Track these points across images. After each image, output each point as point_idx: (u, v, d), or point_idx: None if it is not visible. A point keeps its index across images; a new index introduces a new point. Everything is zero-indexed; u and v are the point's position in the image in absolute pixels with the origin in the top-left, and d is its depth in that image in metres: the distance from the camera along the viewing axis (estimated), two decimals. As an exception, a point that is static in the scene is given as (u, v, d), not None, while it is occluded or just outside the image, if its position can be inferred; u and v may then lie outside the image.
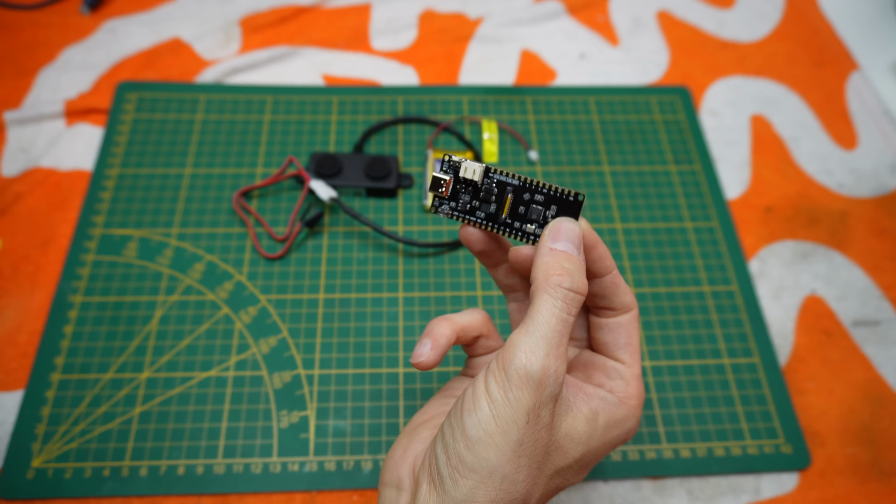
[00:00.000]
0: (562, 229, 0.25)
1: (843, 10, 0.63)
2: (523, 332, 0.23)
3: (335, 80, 0.56)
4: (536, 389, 0.23)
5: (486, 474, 0.23)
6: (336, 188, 0.48)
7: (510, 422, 0.23)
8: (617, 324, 0.28)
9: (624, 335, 0.28)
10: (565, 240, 0.25)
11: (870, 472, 0.40)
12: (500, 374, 0.23)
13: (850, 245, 0.49)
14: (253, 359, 0.42)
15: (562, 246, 0.25)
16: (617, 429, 0.26)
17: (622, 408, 0.27)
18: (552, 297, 0.24)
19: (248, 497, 0.38)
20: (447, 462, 0.24)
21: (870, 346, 0.45)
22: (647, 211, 0.49)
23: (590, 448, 0.26)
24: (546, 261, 0.25)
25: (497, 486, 0.23)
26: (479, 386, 0.24)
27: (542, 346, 0.23)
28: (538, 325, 0.23)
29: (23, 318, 0.43)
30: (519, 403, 0.23)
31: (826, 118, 0.55)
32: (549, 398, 0.23)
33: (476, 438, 0.23)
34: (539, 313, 0.24)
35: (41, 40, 0.56)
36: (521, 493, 0.23)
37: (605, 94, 0.55)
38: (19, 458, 0.38)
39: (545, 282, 0.24)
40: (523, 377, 0.23)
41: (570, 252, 0.25)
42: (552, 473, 0.25)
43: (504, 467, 0.23)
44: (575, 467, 0.26)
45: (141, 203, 0.48)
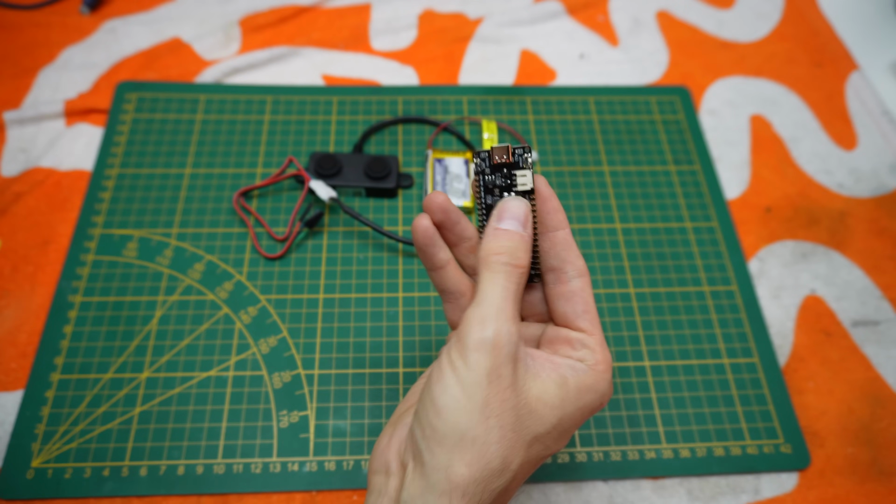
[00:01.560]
0: (507, 208, 0.28)
1: (843, 10, 0.63)
2: (474, 306, 0.26)
3: (335, 80, 0.56)
4: (492, 351, 0.25)
5: (457, 438, 0.24)
6: (336, 188, 0.48)
7: (473, 384, 0.24)
8: (571, 292, 0.29)
9: (580, 303, 0.29)
10: (509, 218, 0.27)
11: (869, 472, 0.40)
12: (458, 345, 0.25)
13: (850, 245, 0.49)
14: (253, 359, 0.42)
15: (506, 225, 0.27)
16: (590, 393, 0.27)
17: (591, 373, 0.27)
18: (493, 273, 0.26)
19: (248, 497, 0.38)
20: (422, 435, 0.25)
21: (869, 346, 0.45)
22: (646, 211, 0.49)
23: (565, 412, 0.26)
24: (489, 241, 0.27)
25: (471, 449, 0.24)
26: (443, 359, 0.26)
27: (491, 313, 0.25)
28: (485, 297, 0.26)
29: (23, 317, 0.43)
30: (479, 365, 0.24)
31: (826, 118, 0.56)
32: (507, 358, 0.25)
33: (444, 405, 0.24)
34: (484, 288, 0.26)
35: (41, 40, 0.56)
36: (498, 457, 0.24)
37: (605, 94, 0.55)
38: (19, 458, 0.38)
39: (486, 260, 0.27)
40: (478, 343, 0.25)
41: (513, 230, 0.27)
42: (530, 440, 0.26)
43: (474, 429, 0.24)
44: (554, 433, 0.26)
45: (141, 203, 0.48)
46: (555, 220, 0.29)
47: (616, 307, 0.45)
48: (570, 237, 0.29)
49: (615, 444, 0.40)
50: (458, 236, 0.31)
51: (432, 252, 0.30)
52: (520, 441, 0.25)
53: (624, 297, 0.46)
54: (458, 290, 0.31)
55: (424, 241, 0.30)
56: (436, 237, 0.30)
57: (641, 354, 0.43)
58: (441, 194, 0.30)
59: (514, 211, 0.28)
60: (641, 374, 0.43)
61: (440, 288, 0.31)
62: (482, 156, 0.29)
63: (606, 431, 0.41)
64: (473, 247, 0.31)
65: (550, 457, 0.28)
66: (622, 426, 0.41)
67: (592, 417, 0.41)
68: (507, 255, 0.27)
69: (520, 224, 0.27)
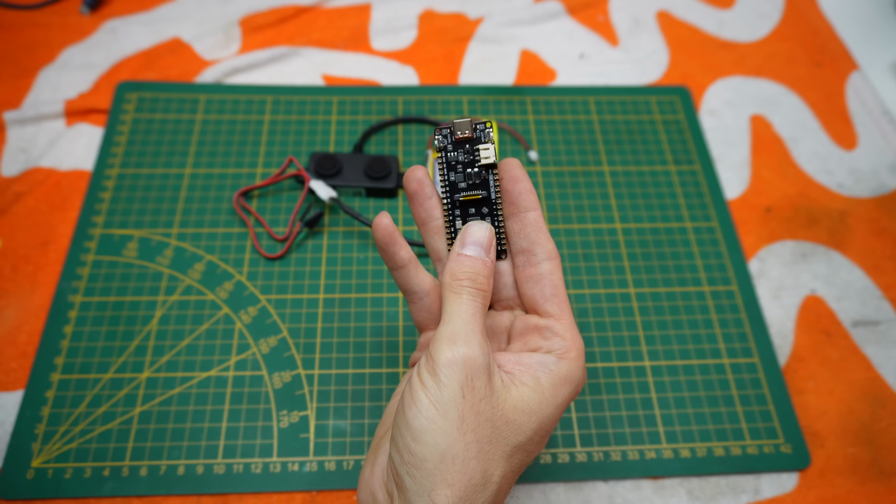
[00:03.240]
0: (469, 234, 0.28)
1: (843, 10, 0.63)
2: (442, 325, 0.26)
3: (335, 80, 0.56)
4: (464, 365, 0.25)
5: (437, 460, 0.24)
6: (336, 188, 0.48)
7: (447, 402, 0.24)
8: (540, 275, 0.28)
9: (549, 286, 0.28)
10: (472, 244, 0.28)
11: (869, 472, 0.40)
12: (429, 365, 0.25)
13: (850, 245, 0.49)
14: (253, 359, 0.42)
15: (469, 251, 0.28)
16: (565, 386, 0.27)
17: (563, 363, 0.27)
18: (458, 296, 0.27)
19: (248, 497, 0.38)
20: (401, 461, 0.25)
21: (869, 346, 0.45)
22: (647, 211, 0.49)
23: (544, 414, 0.26)
24: (452, 265, 0.28)
25: (451, 469, 0.24)
26: (414, 380, 0.26)
27: (460, 330, 0.26)
28: (451, 316, 0.26)
29: (23, 317, 0.43)
30: (452, 381, 0.24)
31: (826, 118, 0.56)
32: (480, 370, 0.25)
33: (420, 428, 0.24)
34: (451, 308, 0.27)
35: (41, 40, 0.56)
36: (478, 471, 0.24)
37: (605, 94, 0.55)
38: (19, 458, 0.38)
39: (450, 284, 0.27)
40: (449, 360, 0.25)
41: (476, 256, 0.28)
42: (511, 450, 0.25)
43: (453, 447, 0.24)
44: (535, 438, 0.26)
45: (141, 203, 0.48)
46: (526, 200, 0.29)
47: (616, 307, 0.45)
48: (541, 219, 0.29)
49: (615, 444, 0.40)
50: (427, 213, 0.30)
51: (393, 251, 0.30)
52: (499, 453, 0.25)
53: (624, 297, 0.46)
54: (421, 289, 0.31)
55: (385, 240, 0.30)
56: (396, 235, 0.30)
57: (641, 354, 0.43)
58: (421, 168, 0.30)
59: (476, 236, 0.28)
60: (641, 374, 0.43)
61: (403, 288, 0.31)
62: (444, 132, 0.29)
63: (606, 431, 0.41)
64: (439, 227, 0.30)
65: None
66: (622, 426, 0.41)
67: (592, 417, 0.41)
68: (469, 280, 0.27)
69: (482, 250, 0.28)
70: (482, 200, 0.29)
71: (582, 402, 0.41)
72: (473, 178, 0.29)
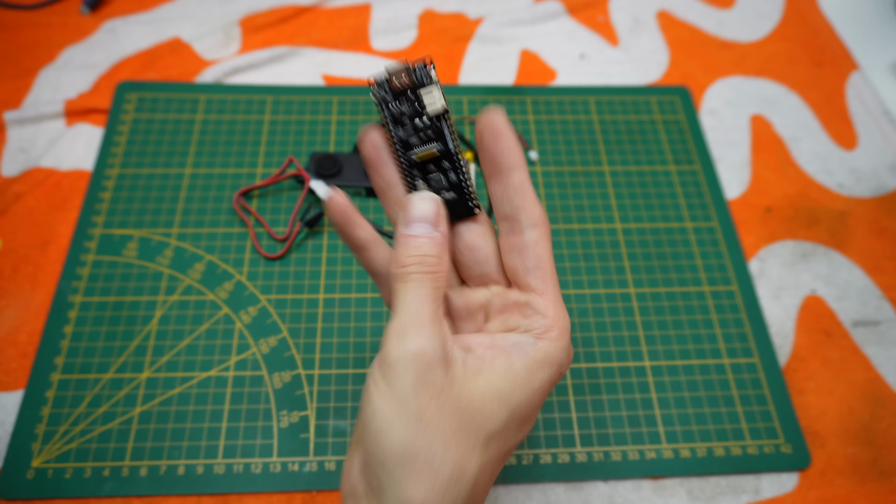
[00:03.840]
0: (413, 212, 0.25)
1: (843, 10, 0.63)
2: (390, 320, 0.24)
3: (335, 80, 0.56)
4: (415, 360, 0.23)
5: (399, 458, 0.22)
6: (336, 188, 0.48)
7: (402, 400, 0.23)
8: (524, 244, 0.26)
9: (532, 257, 0.26)
10: (417, 222, 0.25)
11: (870, 472, 0.40)
12: (380, 363, 0.24)
13: (850, 245, 0.49)
14: (253, 359, 0.42)
15: (415, 229, 0.25)
16: (543, 369, 0.25)
17: (542, 344, 0.25)
18: (404, 284, 0.25)
19: (248, 497, 0.38)
20: (366, 462, 0.24)
21: (870, 346, 0.45)
22: (647, 211, 0.49)
23: (518, 400, 0.24)
24: (399, 249, 0.25)
25: (415, 466, 0.22)
26: (368, 382, 0.24)
27: (408, 323, 0.24)
28: (399, 309, 0.24)
29: (23, 318, 0.43)
30: (404, 378, 0.23)
31: (826, 118, 0.55)
32: (434, 362, 0.23)
33: (377, 428, 0.23)
34: (398, 299, 0.25)
35: (41, 40, 0.56)
36: (449, 467, 0.23)
37: (605, 94, 0.55)
38: (19, 458, 0.38)
39: (397, 272, 0.25)
40: (399, 356, 0.23)
41: (422, 233, 0.25)
42: (484, 440, 0.24)
43: (413, 444, 0.22)
44: (511, 426, 0.25)
45: (141, 203, 0.48)
46: (509, 159, 0.25)
47: (616, 307, 0.45)
48: (527, 181, 0.26)
49: (615, 444, 0.40)
50: (386, 182, 0.28)
51: (349, 231, 0.28)
52: (469, 445, 0.23)
53: (624, 297, 0.46)
54: (387, 270, 0.28)
55: (340, 219, 0.27)
56: (351, 213, 0.27)
57: (641, 354, 0.43)
58: (377, 129, 0.27)
59: (419, 212, 0.25)
60: (641, 374, 0.43)
61: (368, 270, 0.29)
62: (380, 82, 0.25)
63: (606, 431, 0.41)
64: (398, 198, 0.28)
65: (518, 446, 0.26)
66: (622, 426, 0.41)
67: (592, 417, 0.41)
68: (416, 264, 0.25)
69: (429, 225, 0.25)
70: (440, 155, 0.26)
71: (582, 402, 0.41)
72: (424, 130, 0.25)
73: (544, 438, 0.40)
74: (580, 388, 0.42)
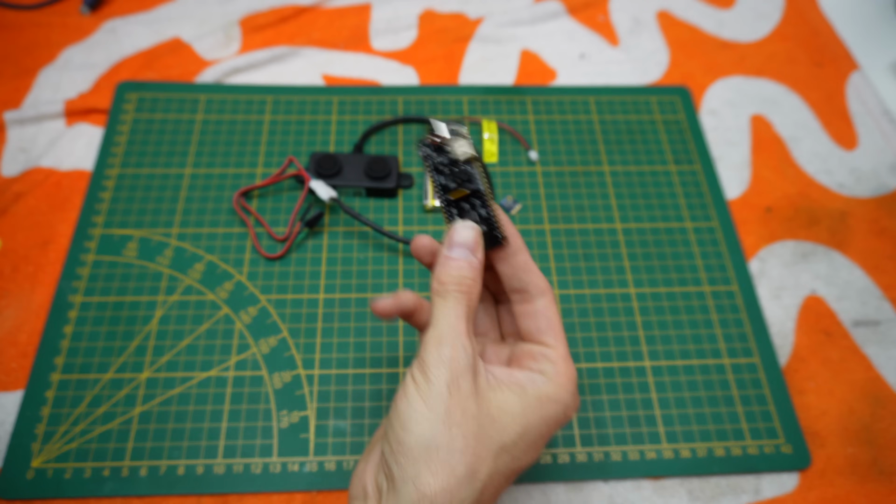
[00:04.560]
0: (455, 237, 0.29)
1: (843, 10, 0.63)
2: (430, 329, 0.28)
3: (335, 80, 0.56)
4: (450, 364, 0.26)
5: (423, 448, 0.25)
6: (336, 188, 0.48)
7: (435, 396, 0.26)
8: (535, 310, 0.30)
9: (544, 320, 0.30)
10: (459, 247, 0.29)
11: (870, 472, 0.40)
12: (419, 364, 0.27)
13: (850, 245, 0.49)
14: (253, 359, 0.42)
15: (456, 253, 0.29)
16: (551, 404, 0.28)
17: (551, 384, 0.28)
18: (443, 300, 0.28)
19: (248, 497, 0.38)
20: (391, 451, 0.26)
21: (870, 346, 0.45)
22: (647, 211, 0.49)
23: (528, 421, 0.27)
24: (440, 269, 0.29)
25: (436, 458, 0.25)
26: (407, 378, 0.27)
27: (446, 333, 0.27)
28: (438, 320, 0.28)
29: (23, 317, 0.43)
30: (439, 379, 0.26)
31: (826, 118, 0.55)
32: (465, 370, 0.26)
33: (408, 417, 0.26)
34: (438, 312, 0.28)
35: (41, 40, 0.56)
36: (462, 464, 0.25)
37: (605, 94, 0.55)
38: (19, 458, 0.38)
39: (437, 289, 0.28)
40: (437, 359, 0.26)
41: (462, 258, 0.29)
42: (497, 449, 0.26)
43: (437, 438, 0.25)
44: (521, 444, 0.27)
45: (141, 203, 0.48)
46: (512, 245, 0.30)
47: (616, 307, 0.45)
48: (529, 259, 0.30)
49: (615, 444, 0.40)
50: None
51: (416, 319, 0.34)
52: (485, 450, 0.26)
53: (624, 297, 0.46)
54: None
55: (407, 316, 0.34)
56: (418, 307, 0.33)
57: (641, 354, 0.43)
58: (425, 237, 0.32)
59: (461, 238, 0.29)
60: (641, 374, 0.43)
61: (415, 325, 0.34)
62: (426, 141, 0.30)
63: (607, 431, 0.41)
64: None
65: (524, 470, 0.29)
66: (622, 426, 0.41)
67: (592, 417, 0.41)
68: (456, 283, 0.28)
69: (468, 251, 0.29)
70: (471, 194, 0.30)
71: (582, 403, 0.41)
72: (457, 175, 0.30)
73: (544, 438, 0.40)
74: (580, 389, 0.42)
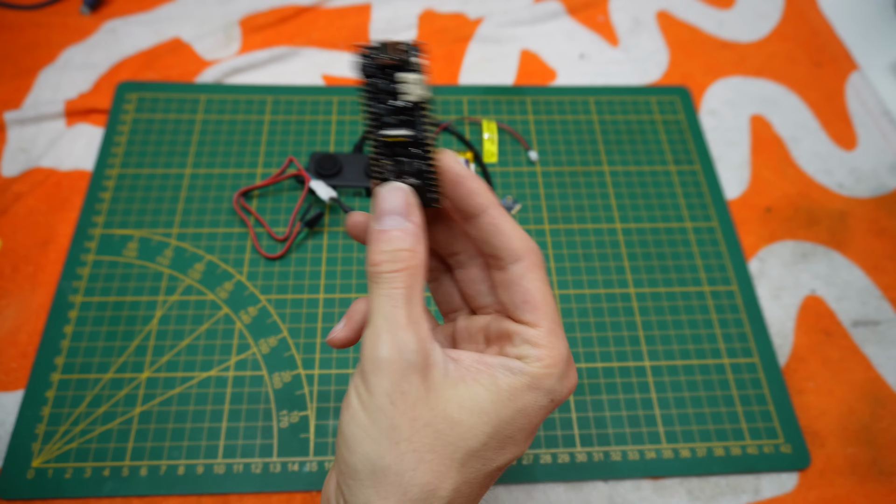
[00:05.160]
0: (382, 205, 0.24)
1: (843, 10, 0.63)
2: (367, 326, 0.23)
3: (335, 80, 0.56)
4: (389, 368, 0.22)
5: (369, 472, 0.22)
6: (336, 188, 0.48)
7: (376, 408, 0.22)
8: (510, 280, 0.25)
9: (519, 292, 0.25)
10: (387, 215, 0.24)
11: (870, 472, 0.40)
12: (359, 369, 0.23)
13: (850, 245, 0.49)
14: (253, 359, 0.42)
15: (386, 223, 0.24)
16: (529, 392, 0.24)
17: (529, 371, 0.24)
18: (376, 285, 0.23)
19: (248, 497, 0.38)
20: (340, 473, 0.23)
21: (870, 346, 0.45)
22: (647, 211, 0.49)
23: (501, 417, 0.23)
24: (370, 248, 0.24)
25: (384, 482, 0.22)
26: (349, 390, 0.23)
27: (381, 327, 0.23)
28: (372, 314, 0.23)
29: (23, 317, 0.43)
30: (378, 387, 0.22)
31: (826, 118, 0.56)
32: (409, 370, 0.22)
33: (351, 435, 0.22)
34: (372, 304, 0.23)
35: (41, 40, 0.56)
36: (416, 485, 0.22)
37: (605, 94, 0.55)
38: (19, 457, 0.38)
39: (370, 272, 0.24)
40: (373, 363, 0.22)
41: (392, 228, 0.24)
42: (462, 458, 0.23)
43: (384, 458, 0.22)
44: (492, 444, 0.23)
45: (141, 203, 0.48)
46: (472, 204, 0.25)
47: (616, 307, 0.45)
48: (499, 218, 0.25)
49: (615, 444, 0.40)
50: None
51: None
52: (445, 462, 0.22)
53: (624, 297, 0.46)
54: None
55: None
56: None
57: (641, 354, 0.43)
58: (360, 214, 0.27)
59: (387, 205, 0.24)
60: (641, 374, 0.43)
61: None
62: (368, 52, 0.24)
63: (606, 431, 0.41)
64: None
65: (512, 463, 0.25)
66: (622, 426, 0.41)
67: (592, 417, 0.41)
68: (387, 262, 0.23)
69: (399, 217, 0.24)
70: (412, 142, 0.24)
71: (582, 402, 0.41)
72: (397, 113, 0.24)
73: (544, 438, 0.40)
74: (580, 388, 0.42)
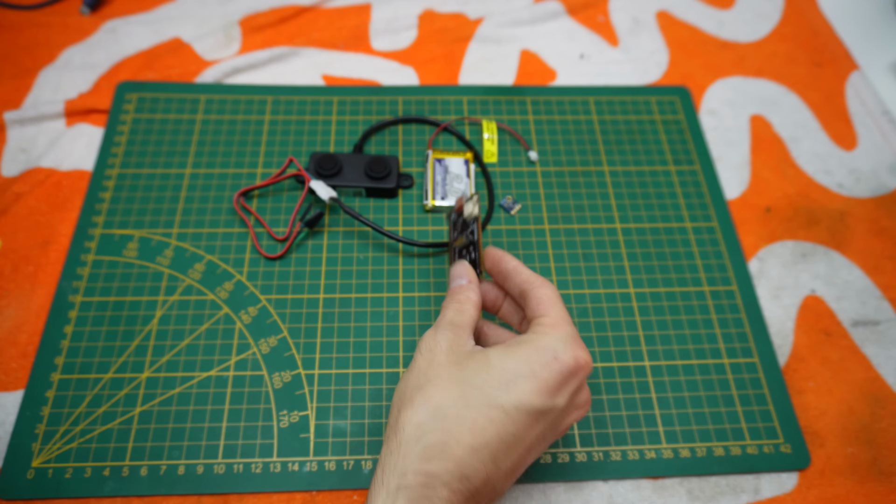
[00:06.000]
0: (453, 274, 0.38)
1: (843, 10, 0.63)
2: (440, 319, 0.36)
3: (335, 80, 0.56)
4: (449, 338, 0.34)
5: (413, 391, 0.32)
6: (336, 188, 0.48)
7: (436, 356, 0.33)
8: (536, 297, 0.36)
9: (541, 302, 0.35)
10: (457, 278, 0.38)
11: (869, 471, 0.40)
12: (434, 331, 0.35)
13: (850, 245, 0.49)
14: (253, 359, 0.42)
15: (456, 282, 0.38)
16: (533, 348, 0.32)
17: (535, 335, 0.33)
18: (446, 308, 0.36)
19: (248, 497, 0.38)
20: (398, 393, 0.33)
21: (869, 346, 0.45)
22: (647, 211, 0.49)
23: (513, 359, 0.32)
24: (448, 293, 0.38)
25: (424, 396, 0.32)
26: (427, 334, 0.35)
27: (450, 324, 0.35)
28: (442, 316, 0.36)
29: (23, 317, 0.43)
30: (440, 345, 0.34)
31: (825, 118, 0.56)
32: (459, 344, 0.34)
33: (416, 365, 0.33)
34: (444, 309, 0.36)
35: (41, 40, 0.56)
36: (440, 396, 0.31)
37: (605, 94, 0.55)
38: (19, 457, 0.38)
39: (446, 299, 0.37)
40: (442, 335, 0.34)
41: (460, 285, 0.37)
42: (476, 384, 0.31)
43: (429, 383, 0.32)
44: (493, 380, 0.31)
45: (141, 203, 0.48)
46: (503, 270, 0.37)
47: (616, 307, 0.45)
48: (518, 266, 0.37)
49: (615, 444, 0.40)
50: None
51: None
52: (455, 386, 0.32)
53: (624, 297, 0.46)
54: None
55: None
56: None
57: (641, 354, 0.43)
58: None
59: (457, 273, 0.38)
60: (641, 374, 0.43)
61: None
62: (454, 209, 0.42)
63: (606, 431, 0.41)
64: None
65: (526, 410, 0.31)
66: (622, 426, 0.41)
67: (592, 417, 0.41)
68: (456, 302, 0.36)
69: (464, 279, 0.38)
70: (468, 244, 0.39)
71: (582, 402, 0.41)
72: (460, 228, 0.40)
73: (544, 438, 0.40)
74: (580, 388, 0.42)
